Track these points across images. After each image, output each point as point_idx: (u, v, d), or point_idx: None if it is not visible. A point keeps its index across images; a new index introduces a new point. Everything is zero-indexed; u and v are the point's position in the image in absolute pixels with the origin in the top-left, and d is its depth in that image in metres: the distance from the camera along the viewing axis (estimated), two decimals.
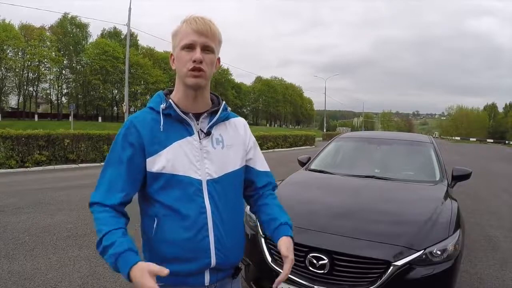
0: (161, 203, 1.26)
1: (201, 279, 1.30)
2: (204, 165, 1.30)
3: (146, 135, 1.26)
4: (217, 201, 1.30)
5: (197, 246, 1.25)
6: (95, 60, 52.22)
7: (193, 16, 1.28)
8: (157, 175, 1.25)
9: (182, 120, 1.30)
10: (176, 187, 1.25)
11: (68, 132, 12.85)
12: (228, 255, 1.32)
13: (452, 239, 2.50)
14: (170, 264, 1.17)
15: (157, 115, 1.29)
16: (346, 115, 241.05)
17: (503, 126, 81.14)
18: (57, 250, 4.21)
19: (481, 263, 4.28)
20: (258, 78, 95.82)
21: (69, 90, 57.19)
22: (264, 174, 1.51)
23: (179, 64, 1.28)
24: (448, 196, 3.19)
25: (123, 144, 1.26)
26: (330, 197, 3.31)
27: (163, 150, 1.26)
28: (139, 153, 1.26)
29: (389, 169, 4.05)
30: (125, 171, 1.25)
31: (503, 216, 6.95)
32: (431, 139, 4.88)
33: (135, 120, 1.28)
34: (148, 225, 1.29)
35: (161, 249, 1.26)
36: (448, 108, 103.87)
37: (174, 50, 1.32)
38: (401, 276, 2.27)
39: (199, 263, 1.27)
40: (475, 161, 19.07)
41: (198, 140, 1.31)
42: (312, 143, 32.09)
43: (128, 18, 23.51)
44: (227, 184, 1.34)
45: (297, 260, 2.49)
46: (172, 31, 1.32)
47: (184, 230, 1.24)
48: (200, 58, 1.24)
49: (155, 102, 1.32)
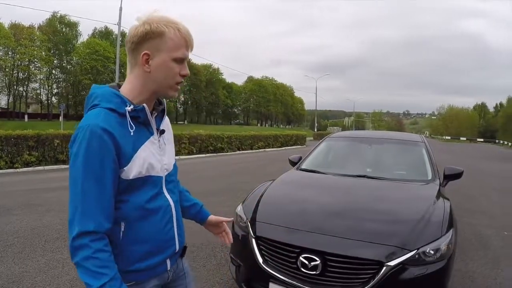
0: (132, 204, 1.21)
1: (165, 266, 1.36)
2: (163, 162, 1.34)
3: (121, 141, 1.16)
4: (173, 192, 1.38)
5: (165, 238, 1.32)
6: (85, 59, 51.81)
7: (182, 25, 1.23)
8: (133, 181, 1.20)
9: (146, 122, 1.27)
10: (147, 187, 1.26)
11: (58, 132, 12.68)
12: (183, 237, 1.43)
13: (445, 239, 2.49)
14: (143, 261, 1.25)
15: (120, 117, 1.19)
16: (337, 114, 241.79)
17: (493, 125, 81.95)
18: (46, 253, 4.14)
19: (473, 262, 4.30)
20: (250, 78, 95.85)
21: (59, 90, 56.66)
22: (175, 165, 1.53)
23: (165, 75, 1.22)
24: (440, 195, 3.19)
25: (101, 158, 1.11)
26: (322, 197, 3.29)
27: (136, 155, 1.20)
28: (117, 165, 1.16)
29: (381, 168, 4.05)
30: (111, 188, 1.14)
31: (494, 215, 7.00)
32: (422, 138, 4.89)
33: (105, 125, 1.13)
34: (113, 231, 1.18)
35: (133, 251, 1.23)
36: (438, 107, 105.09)
37: (157, 52, 1.20)
38: (394, 276, 2.26)
39: (167, 253, 1.34)
40: (466, 160, 19.25)
41: (157, 138, 1.33)
42: (303, 143, 32.17)
43: (119, 17, 23.35)
44: (174, 174, 1.44)
45: (288, 261, 2.48)
46: (153, 28, 1.18)
47: (154, 226, 1.27)
48: (189, 73, 1.29)
49: (115, 102, 1.20)
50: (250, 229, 2.78)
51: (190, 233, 5.29)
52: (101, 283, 1.07)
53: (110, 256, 1.13)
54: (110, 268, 1.10)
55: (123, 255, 1.21)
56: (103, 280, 1.07)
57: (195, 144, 18.60)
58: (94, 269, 1.07)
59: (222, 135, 20.77)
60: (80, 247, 1.08)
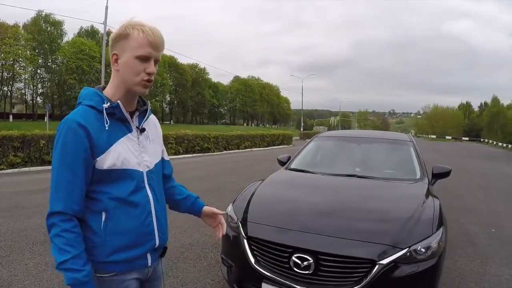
0: (111, 196, 1.32)
1: (145, 261, 1.43)
2: (143, 158, 1.42)
3: (94, 134, 1.28)
4: (155, 189, 1.44)
5: (145, 231, 1.38)
6: (71, 59, 51.05)
7: (149, 27, 1.32)
8: (108, 172, 1.31)
9: (123, 119, 1.37)
10: (125, 181, 1.34)
11: (44, 133, 12.46)
12: (164, 235, 1.49)
13: (436, 237, 2.52)
14: (123, 253, 1.33)
15: (98, 114, 1.32)
16: (323, 114, 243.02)
17: (478, 124, 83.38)
18: (34, 256, 4.07)
19: (461, 259, 4.37)
20: (236, 77, 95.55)
21: (45, 90, 55.70)
22: (168, 163, 1.68)
23: (130, 72, 1.32)
24: (429, 194, 3.23)
25: (75, 149, 1.25)
26: (312, 197, 3.30)
27: (110, 148, 1.31)
28: (89, 156, 1.28)
29: (370, 167, 4.08)
30: (83, 178, 1.27)
31: (480, 212, 7.13)
32: (410, 138, 4.94)
33: (81, 121, 1.27)
34: (94, 220, 1.31)
35: (114, 240, 1.32)
36: (424, 107, 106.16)
37: (121, 52, 1.33)
38: (386, 274, 2.28)
39: (146, 246, 1.40)
40: (452, 159, 19.55)
41: (137, 136, 1.42)
42: (289, 143, 32.25)
43: (105, 16, 23.07)
44: (157, 172, 1.50)
45: (281, 261, 2.48)
46: (119, 31, 1.33)
47: (134, 219, 1.35)
48: (155, 71, 1.35)
49: (94, 100, 1.33)
50: (242, 230, 2.77)
51: (180, 233, 5.29)
52: (64, 258, 1.20)
53: (76, 237, 1.24)
54: (74, 247, 1.22)
55: (104, 245, 1.31)
56: (66, 256, 1.20)
57: (181, 144, 18.45)
58: (60, 246, 1.21)
59: (208, 135, 20.62)
60: (51, 225, 1.24)
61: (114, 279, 1.34)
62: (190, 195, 1.70)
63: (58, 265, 1.21)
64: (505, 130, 62.22)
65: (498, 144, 52.07)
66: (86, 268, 1.24)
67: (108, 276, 1.33)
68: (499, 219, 6.68)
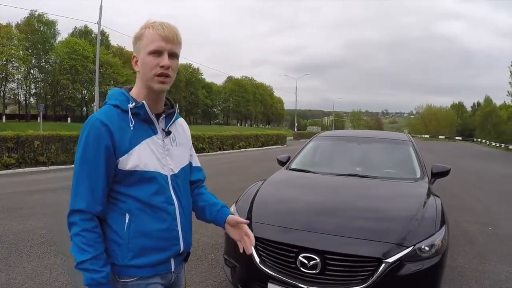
0: (135, 198, 1.30)
1: (168, 266, 1.40)
2: (167, 162, 1.39)
3: (117, 134, 1.27)
4: (179, 193, 1.41)
5: (170, 235, 1.36)
6: (64, 59, 50.64)
7: (160, 22, 1.32)
8: (130, 173, 1.29)
9: (148, 120, 1.36)
10: (149, 183, 1.32)
11: (38, 133, 12.37)
12: (188, 240, 1.47)
13: (439, 235, 2.54)
14: (147, 256, 1.31)
15: (123, 114, 1.32)
16: (316, 114, 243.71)
17: (471, 124, 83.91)
18: (32, 258, 4.01)
19: (460, 257, 4.39)
20: (229, 77, 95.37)
21: (38, 90, 55.18)
22: (198, 170, 1.63)
23: (145, 69, 1.32)
24: (430, 193, 3.24)
25: (97, 147, 1.25)
26: (316, 196, 3.29)
27: (134, 148, 1.30)
28: (112, 154, 1.27)
29: (371, 167, 4.08)
30: (104, 176, 1.27)
31: (476, 211, 7.19)
32: (409, 137, 4.95)
33: (104, 119, 1.27)
34: (118, 222, 1.30)
35: (138, 243, 1.30)
36: (417, 107, 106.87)
37: (138, 53, 1.34)
38: (392, 272, 2.28)
39: (171, 251, 1.38)
40: (447, 159, 19.64)
41: (162, 138, 1.40)
42: (283, 143, 32.28)
43: (99, 16, 22.94)
44: (183, 178, 1.46)
45: (287, 261, 2.47)
46: (135, 34, 1.35)
47: (159, 222, 1.33)
48: (169, 64, 1.30)
49: (120, 100, 1.33)
50: None
51: None
52: (83, 258, 1.21)
53: (97, 237, 1.24)
54: (94, 248, 1.22)
55: (127, 248, 1.29)
56: (85, 256, 1.21)
57: None
58: (80, 245, 1.22)
59: (203, 135, 20.57)
60: (72, 224, 1.24)
61: (139, 283, 1.33)
62: (216, 202, 1.59)
63: (77, 265, 1.22)
64: (497, 129, 62.65)
65: (491, 143, 52.48)
66: (105, 270, 1.23)
67: (132, 281, 1.32)
68: (495, 217, 6.74)
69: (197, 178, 1.60)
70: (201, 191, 1.62)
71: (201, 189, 1.63)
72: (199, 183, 1.63)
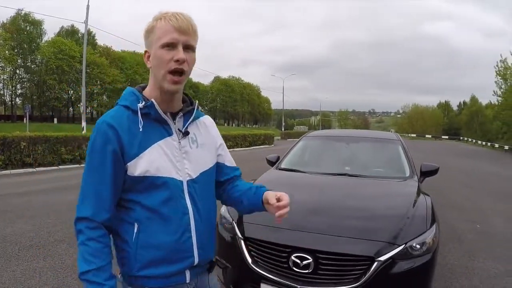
0: (144, 206, 1.20)
1: (182, 277, 1.29)
2: (183, 166, 1.27)
3: (125, 137, 1.18)
4: (197, 201, 1.29)
5: (181, 248, 1.24)
6: (50, 59, 49.98)
7: (172, 12, 1.21)
8: (140, 179, 1.19)
9: (160, 120, 1.25)
10: (160, 190, 1.21)
11: (24, 134, 12.20)
12: (207, 251, 1.33)
13: (430, 233, 2.57)
14: (154, 268, 1.21)
15: (133, 115, 1.22)
16: (303, 114, 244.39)
17: (457, 123, 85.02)
18: (20, 262, 3.94)
19: (450, 255, 4.45)
20: (216, 77, 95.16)
21: (24, 91, 54.41)
22: (234, 169, 1.51)
23: (158, 64, 1.20)
24: (420, 192, 3.28)
25: (103, 152, 1.17)
26: (306, 196, 3.29)
27: (144, 152, 1.19)
28: (120, 159, 1.18)
29: (360, 166, 4.10)
30: (110, 182, 1.18)
31: (465, 209, 7.29)
32: (398, 137, 4.99)
33: (111, 121, 1.18)
34: (127, 231, 1.22)
35: (146, 254, 1.21)
36: (403, 106, 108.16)
37: (150, 47, 1.24)
38: (384, 271, 2.30)
39: (183, 264, 1.26)
40: (435, 158, 19.84)
41: (178, 140, 1.28)
42: (271, 142, 32.35)
43: (86, 15, 22.66)
44: (203, 183, 1.32)
45: (279, 260, 2.46)
46: (146, 27, 1.24)
47: (168, 233, 1.21)
48: (184, 57, 1.18)
49: (130, 100, 1.24)
50: (237, 230, 2.74)
51: None
52: (86, 268, 1.13)
53: (103, 247, 1.16)
54: (99, 258, 1.14)
55: (135, 258, 1.21)
56: (89, 266, 1.13)
57: None
58: (84, 255, 1.14)
59: None
60: (78, 232, 1.17)
61: None
62: (251, 186, 1.43)
63: (80, 275, 1.14)
64: (483, 128, 63.73)
65: (477, 142, 53.34)
66: (108, 284, 1.15)
67: None
68: (484, 215, 6.85)
69: (229, 176, 1.48)
70: (235, 183, 1.48)
71: (236, 181, 1.49)
72: (233, 179, 1.50)
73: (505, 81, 39.40)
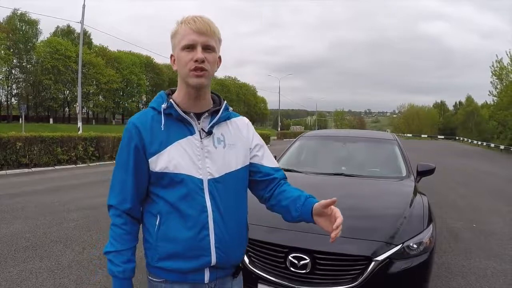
0: (165, 200, 1.28)
1: (200, 276, 1.31)
2: (205, 164, 1.30)
3: (147, 135, 1.27)
4: (218, 201, 1.30)
5: (198, 245, 1.27)
6: (46, 59, 49.72)
7: (192, 16, 1.29)
8: (160, 175, 1.27)
9: (183, 120, 1.30)
10: (179, 186, 1.27)
11: (20, 134, 12.15)
12: (229, 254, 1.32)
13: (427, 232, 2.57)
14: (171, 261, 1.27)
15: (158, 115, 1.31)
16: (299, 114, 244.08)
17: (453, 122, 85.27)
18: (17, 263, 3.92)
19: (446, 254, 4.47)
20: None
21: (19, 91, 54.10)
22: (274, 170, 1.49)
23: (180, 65, 1.28)
24: (417, 191, 3.28)
25: (128, 148, 1.29)
26: None
27: (164, 150, 1.27)
28: (142, 155, 1.28)
29: (357, 166, 4.10)
30: (132, 175, 1.29)
31: (461, 208, 7.33)
32: (394, 137, 5.00)
33: (136, 121, 1.30)
34: (150, 223, 1.31)
35: (164, 247, 1.28)
36: (399, 106, 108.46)
37: (174, 51, 1.33)
38: (382, 270, 2.30)
39: (199, 262, 1.28)
40: (430, 157, 19.96)
41: (199, 139, 1.31)
42: (267, 142, 32.39)
43: (82, 15, 22.59)
44: (229, 184, 1.33)
45: (277, 261, 2.46)
46: (171, 32, 1.33)
47: (186, 229, 1.26)
48: (202, 57, 1.24)
49: (156, 102, 1.34)
50: None
51: None
52: (108, 249, 1.29)
53: (124, 234, 1.29)
54: (120, 243, 1.28)
55: (155, 249, 1.29)
56: (110, 248, 1.28)
57: None
58: (110, 237, 1.30)
59: None
60: (110, 216, 1.33)
61: (162, 286, 1.31)
62: (299, 195, 1.38)
63: (104, 253, 1.30)
64: (479, 128, 64.03)
65: (473, 142, 53.57)
66: (124, 266, 1.27)
67: (157, 282, 1.32)
68: (479, 214, 6.89)
69: (268, 177, 1.46)
70: (282, 189, 1.44)
71: (282, 187, 1.45)
72: (275, 182, 1.47)
73: (501, 81, 39.60)
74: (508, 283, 3.75)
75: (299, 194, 1.39)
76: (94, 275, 3.59)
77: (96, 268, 3.78)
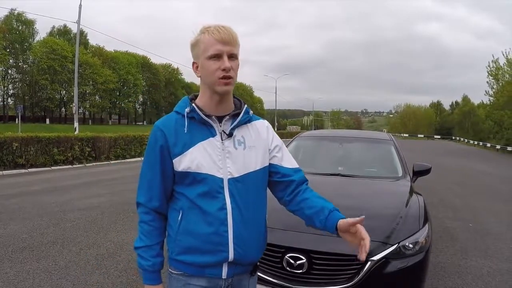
0: (187, 197, 1.35)
1: (218, 271, 1.37)
2: (226, 164, 1.36)
3: (171, 137, 1.35)
4: (238, 199, 1.36)
5: (215, 240, 1.33)
6: (42, 59, 49.59)
7: (215, 26, 1.35)
8: (183, 174, 1.35)
9: (205, 122, 1.38)
10: (201, 184, 1.34)
11: (17, 135, 12.13)
12: (247, 251, 1.38)
13: (423, 232, 2.59)
14: (190, 255, 1.34)
15: (182, 118, 1.38)
16: (296, 114, 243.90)
17: (449, 122, 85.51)
18: (13, 264, 3.91)
19: (442, 254, 4.49)
20: None
21: (16, 91, 53.96)
22: (293, 171, 1.51)
23: (207, 73, 1.35)
24: (413, 191, 3.30)
25: (154, 150, 1.37)
26: None
27: (188, 150, 1.35)
28: (167, 156, 1.36)
29: (353, 166, 4.11)
30: (160, 174, 1.37)
31: (457, 208, 7.36)
32: (390, 137, 5.01)
33: (160, 125, 1.39)
34: (173, 218, 1.39)
35: (183, 240, 1.35)
36: (396, 106, 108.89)
37: (197, 59, 1.38)
38: (378, 270, 2.31)
39: (217, 257, 1.34)
40: (427, 157, 20.02)
41: (221, 140, 1.38)
42: None
43: (78, 15, 22.51)
44: (248, 183, 1.39)
45: (273, 261, 2.47)
46: (192, 40, 1.40)
47: (205, 224, 1.33)
48: (229, 66, 1.32)
49: (180, 106, 1.42)
50: None
51: None
52: (137, 245, 1.38)
53: (152, 230, 1.38)
54: (149, 238, 1.37)
55: (176, 243, 1.37)
56: (140, 243, 1.37)
57: None
58: (139, 233, 1.39)
59: None
60: (139, 213, 1.42)
61: (180, 278, 1.39)
62: (323, 207, 1.40)
63: (134, 249, 1.39)
64: (476, 128, 64.22)
65: (469, 142, 53.80)
66: (153, 260, 1.36)
67: (176, 274, 1.39)
68: (476, 214, 6.93)
69: (287, 178, 1.48)
70: (305, 196, 1.46)
71: (304, 193, 1.47)
72: (299, 186, 1.49)
73: (497, 81, 39.82)
74: (504, 283, 3.78)
75: (323, 206, 1.41)
76: (91, 276, 3.59)
77: (93, 269, 3.76)
